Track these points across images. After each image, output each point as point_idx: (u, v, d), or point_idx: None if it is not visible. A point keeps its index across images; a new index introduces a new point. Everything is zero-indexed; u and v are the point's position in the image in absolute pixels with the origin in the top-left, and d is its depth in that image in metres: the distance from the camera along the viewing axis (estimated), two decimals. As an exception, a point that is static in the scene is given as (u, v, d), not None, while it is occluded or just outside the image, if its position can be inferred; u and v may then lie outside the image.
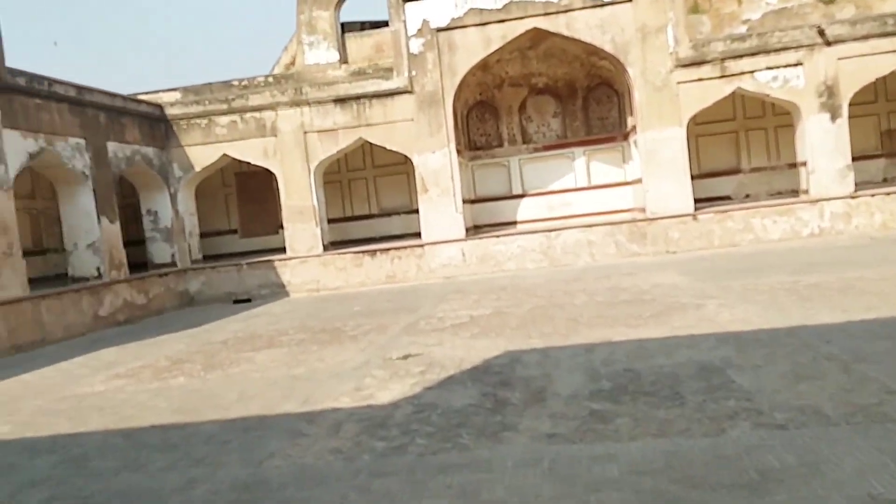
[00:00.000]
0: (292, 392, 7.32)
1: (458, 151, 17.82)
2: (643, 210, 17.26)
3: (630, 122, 18.24)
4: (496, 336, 9.12)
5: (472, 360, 7.86)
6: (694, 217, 16.64)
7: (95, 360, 10.85)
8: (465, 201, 18.01)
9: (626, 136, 19.04)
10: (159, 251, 17.67)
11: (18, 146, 13.22)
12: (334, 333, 10.88)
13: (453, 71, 17.30)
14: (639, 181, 17.67)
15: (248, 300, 17.38)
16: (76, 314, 14.10)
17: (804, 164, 16.76)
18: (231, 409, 6.93)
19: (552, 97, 19.90)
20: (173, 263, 17.66)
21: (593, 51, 17.53)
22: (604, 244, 16.90)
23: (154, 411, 7.15)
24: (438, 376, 7.32)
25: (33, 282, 15.29)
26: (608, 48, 16.79)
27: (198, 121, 17.91)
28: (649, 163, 16.78)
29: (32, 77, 13.82)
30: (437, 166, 17.30)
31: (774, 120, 18.93)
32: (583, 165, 19.56)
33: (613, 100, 19.46)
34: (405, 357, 8.43)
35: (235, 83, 18.72)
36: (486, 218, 19.82)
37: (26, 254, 15.84)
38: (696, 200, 17.12)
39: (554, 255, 17.07)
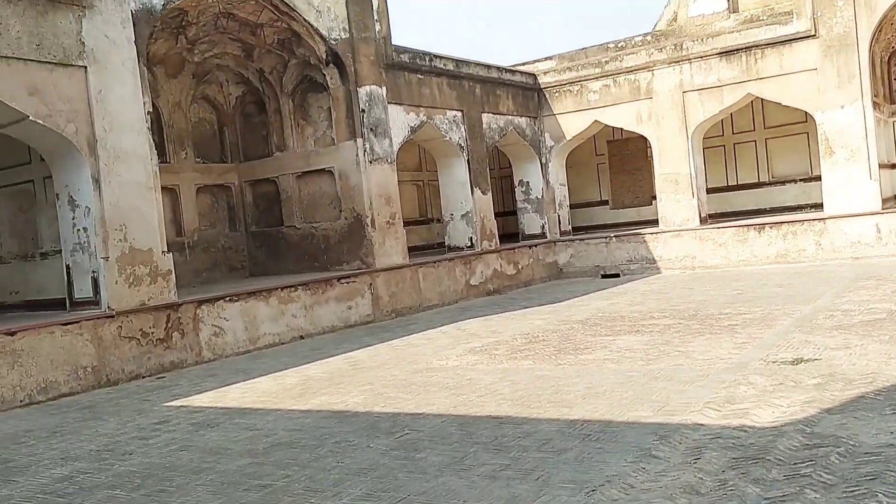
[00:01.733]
0: (647, 394, 6.16)
1: (875, 105, 14.59)
2: None
3: None
4: (929, 343, 6.84)
5: (893, 375, 5.86)
6: None
7: (458, 331, 10.86)
8: (881, 166, 14.73)
9: None
10: (530, 222, 17.62)
11: (401, 120, 13.93)
12: (706, 321, 9.37)
13: (871, 6, 14.12)
14: None
15: (617, 275, 16.48)
16: (450, 282, 14.56)
17: None
18: (574, 406, 6.03)
19: None
20: (543, 235, 17.49)
21: None
22: None
23: (495, 398, 6.57)
24: (842, 394, 5.53)
25: (417, 249, 16.29)
26: None
27: (569, 87, 17.36)
28: None
29: (415, 53, 14.45)
30: (846, 124, 14.35)
31: None
32: None
33: None
34: (796, 362, 6.69)
35: (611, 45, 17.70)
36: (910, 186, 16.09)
37: (413, 223, 16.96)
38: None
39: None
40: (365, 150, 13.00)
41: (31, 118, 8.68)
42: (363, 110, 13.03)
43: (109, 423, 7.13)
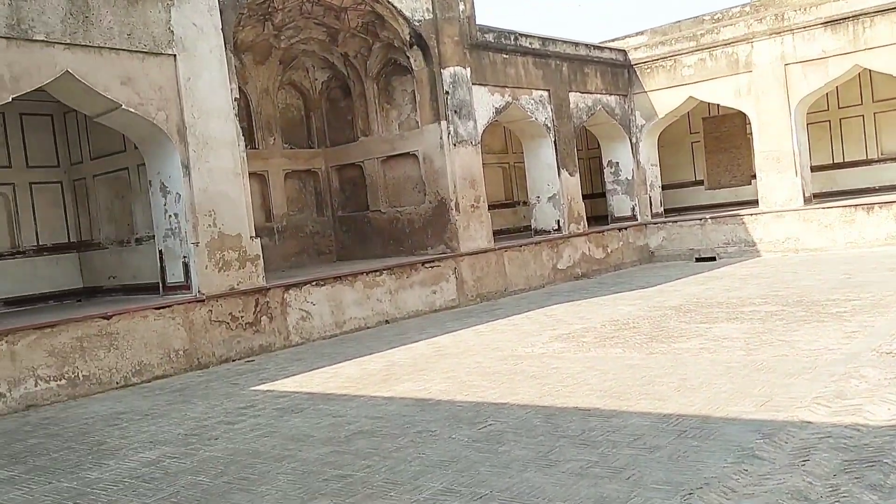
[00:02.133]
0: (748, 387, 5.76)
1: None
2: None
3: None
4: None
5: None
6: None
7: (544, 317, 10.59)
8: None
9: None
10: (619, 204, 17.09)
11: (486, 101, 13.67)
12: (812, 308, 8.77)
13: None
14: None
15: (712, 258, 15.79)
16: (536, 266, 14.27)
17: None
18: (668, 400, 5.69)
19: None
20: (633, 217, 16.94)
21: None
22: None
23: (583, 389, 6.30)
24: (971, 392, 5.01)
25: (503, 233, 16.06)
26: None
27: (662, 63, 16.65)
28: None
29: (500, 33, 14.14)
30: (969, 94, 13.20)
31: None
32: None
33: None
34: (915, 354, 6.14)
35: (707, 17, 16.89)
36: None
37: (498, 206, 16.72)
38: None
39: None
40: (449, 133, 12.81)
41: (123, 107, 8.90)
42: (447, 92, 12.84)
43: (198, 406, 7.25)
